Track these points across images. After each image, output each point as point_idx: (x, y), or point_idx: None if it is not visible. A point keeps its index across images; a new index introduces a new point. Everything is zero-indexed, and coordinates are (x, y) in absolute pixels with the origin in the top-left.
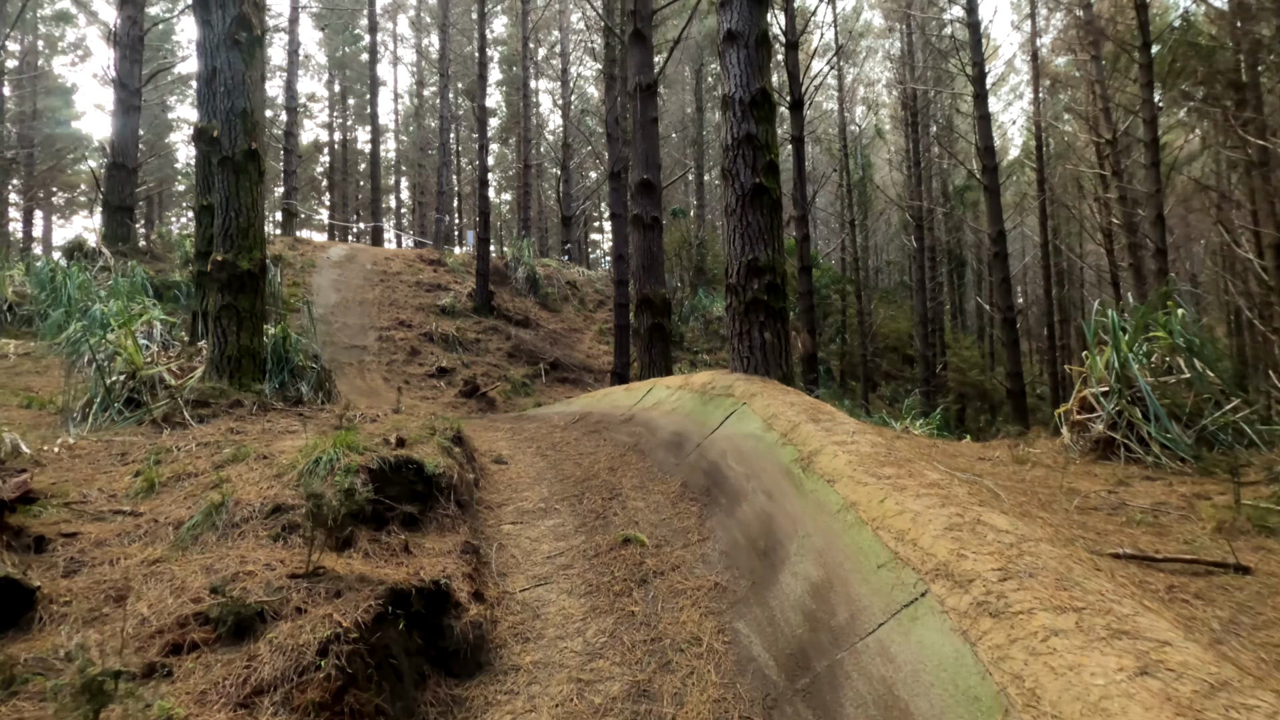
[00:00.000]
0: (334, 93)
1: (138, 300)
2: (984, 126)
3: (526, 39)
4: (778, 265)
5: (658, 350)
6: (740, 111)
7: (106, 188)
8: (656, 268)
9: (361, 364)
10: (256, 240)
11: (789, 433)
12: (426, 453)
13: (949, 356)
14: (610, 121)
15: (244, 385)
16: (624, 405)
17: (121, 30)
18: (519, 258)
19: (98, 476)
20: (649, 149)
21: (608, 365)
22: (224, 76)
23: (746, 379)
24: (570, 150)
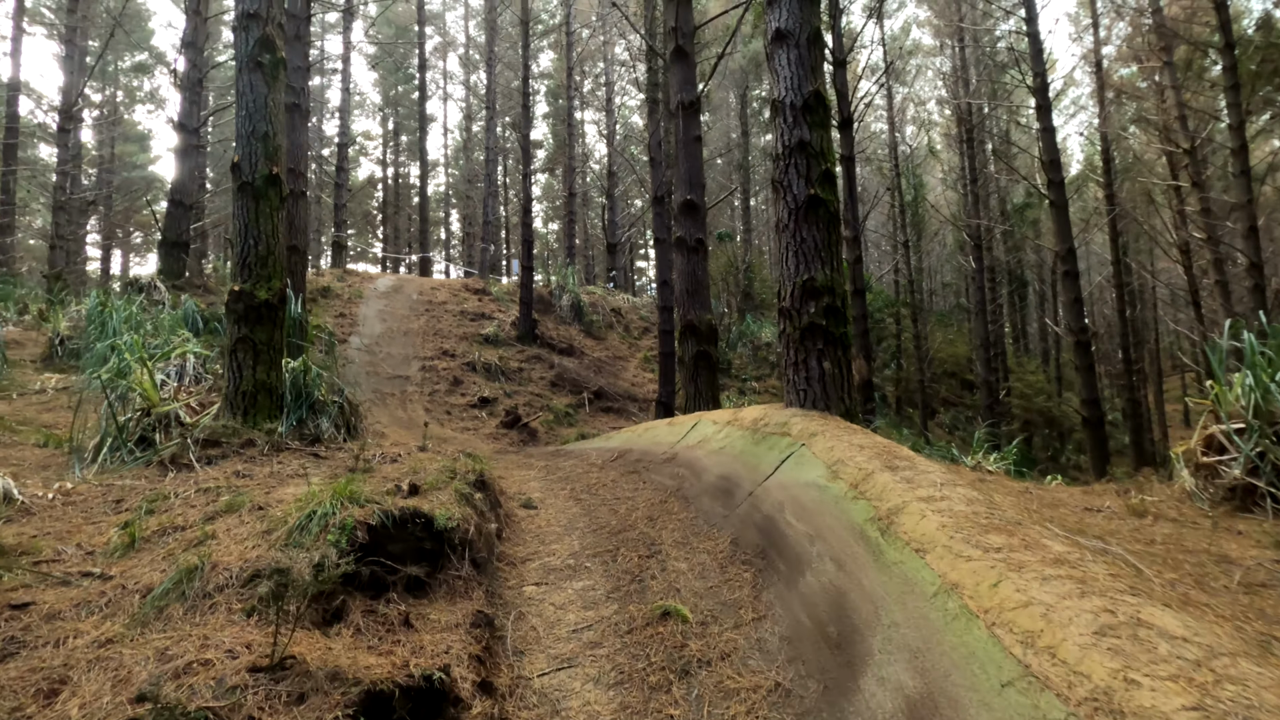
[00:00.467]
0: (387, 130)
1: (178, 333)
2: (1048, 139)
3: (571, 70)
4: (837, 286)
5: (703, 379)
6: (791, 116)
7: (165, 224)
8: (701, 292)
9: (404, 394)
10: (276, 269)
11: (860, 483)
12: (441, 501)
13: (1012, 382)
14: (653, 145)
15: (258, 423)
16: (666, 442)
17: (183, 73)
18: (563, 285)
19: (83, 528)
20: (692, 168)
21: (653, 394)
22: (246, 100)
23: (804, 415)
24: (615, 178)
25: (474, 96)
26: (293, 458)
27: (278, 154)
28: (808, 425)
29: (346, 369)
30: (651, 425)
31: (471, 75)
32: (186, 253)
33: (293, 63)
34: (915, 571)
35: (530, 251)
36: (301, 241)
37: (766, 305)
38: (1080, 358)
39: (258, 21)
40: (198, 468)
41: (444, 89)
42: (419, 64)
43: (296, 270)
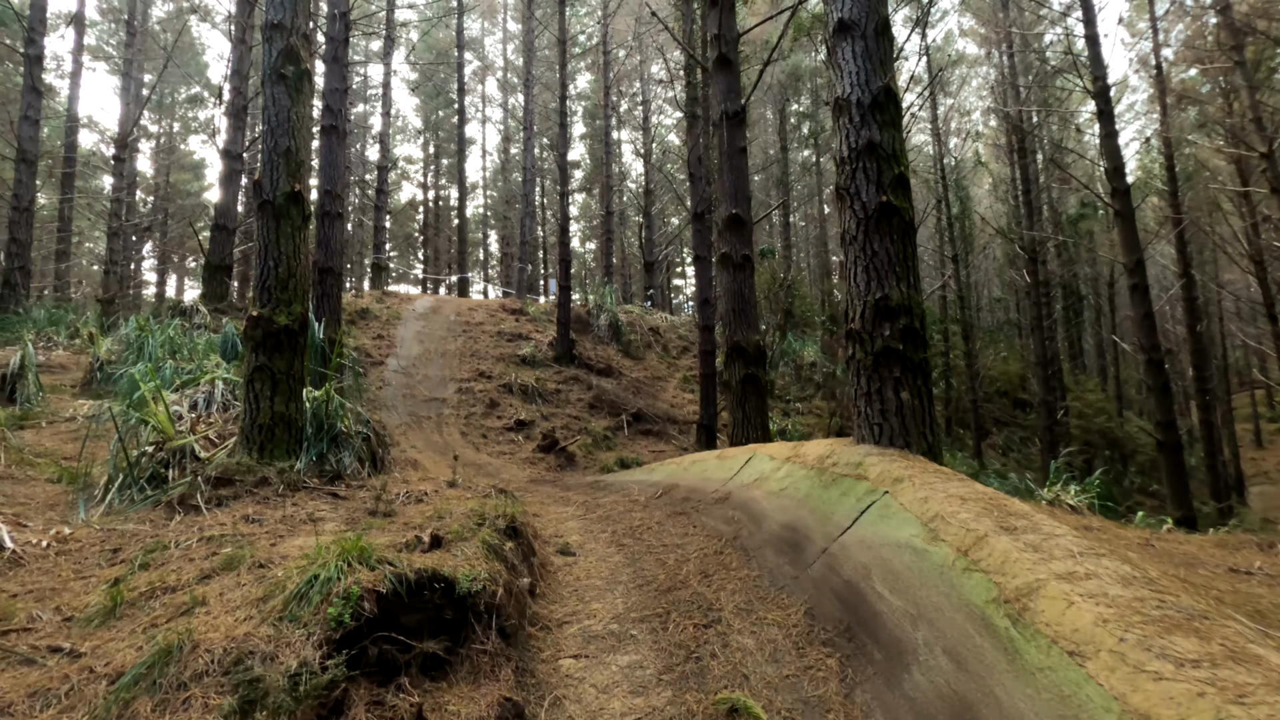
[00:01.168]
0: (428, 154)
1: (210, 357)
2: (1110, 145)
3: (608, 89)
4: (914, 305)
5: (752, 405)
6: (858, 115)
7: (209, 249)
8: (748, 311)
9: (440, 417)
10: (297, 293)
11: (971, 549)
12: (466, 556)
13: (1070, 401)
14: (692, 161)
15: (275, 458)
16: (717, 478)
17: (229, 100)
18: (601, 305)
19: (70, 585)
20: (737, 181)
21: (693, 416)
22: (269, 114)
23: (880, 454)
24: (652, 196)
25: (512, 119)
26: (309, 499)
27: (300, 170)
28: (888, 468)
29: (383, 391)
30: (698, 458)
31: (509, 98)
32: (229, 276)
33: (331, 84)
34: (1073, 686)
35: (567, 271)
36: (337, 263)
37: (808, 324)
38: (1153, 377)
39: (281, 32)
40: (204, 511)
41: (483, 112)
42: (458, 88)
43: (331, 293)
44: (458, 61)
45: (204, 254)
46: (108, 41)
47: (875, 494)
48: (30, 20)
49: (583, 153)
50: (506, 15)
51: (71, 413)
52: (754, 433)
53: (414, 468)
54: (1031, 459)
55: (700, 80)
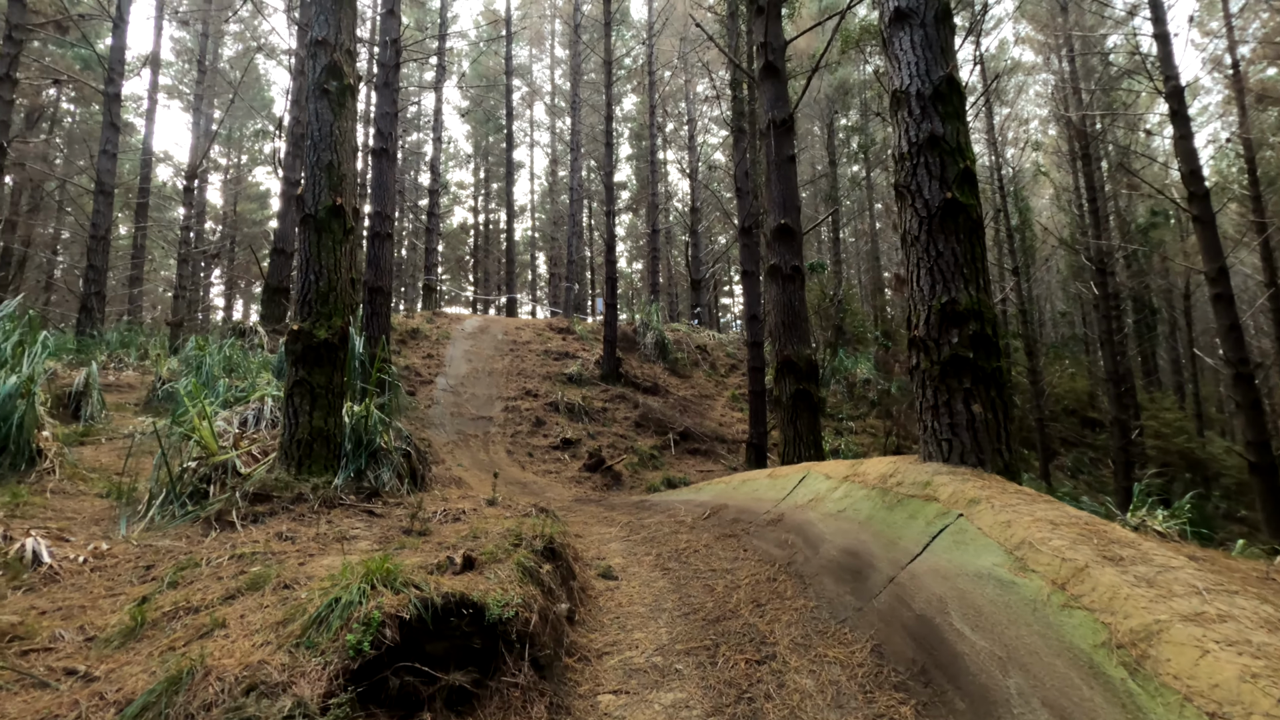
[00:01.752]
0: (479, 179)
1: (263, 375)
2: (1185, 148)
3: (653, 109)
4: (985, 309)
5: (804, 423)
6: (918, 108)
7: (269, 272)
8: (799, 325)
9: (486, 435)
10: (338, 306)
11: (1069, 582)
12: (500, 579)
13: (1145, 420)
14: (739, 175)
15: (313, 474)
16: (768, 498)
17: (288, 126)
18: (647, 323)
19: (99, 602)
20: (785, 190)
21: (742, 434)
22: (312, 129)
23: (951, 472)
24: (698, 213)
25: (560, 142)
26: (344, 516)
27: (342, 184)
28: (961, 488)
29: (431, 409)
30: (749, 476)
31: (557, 121)
32: (287, 298)
33: (383, 109)
34: None
35: (613, 289)
36: (387, 283)
37: (860, 341)
38: (1242, 393)
39: (325, 48)
40: (239, 528)
41: (531, 137)
42: (506, 113)
43: (380, 311)
44: (506, 87)
45: (264, 278)
46: (182, 81)
47: (948, 517)
48: (110, 61)
49: (629, 174)
50: (554, 41)
51: (130, 430)
52: (806, 451)
53: (456, 485)
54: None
55: (746, 95)
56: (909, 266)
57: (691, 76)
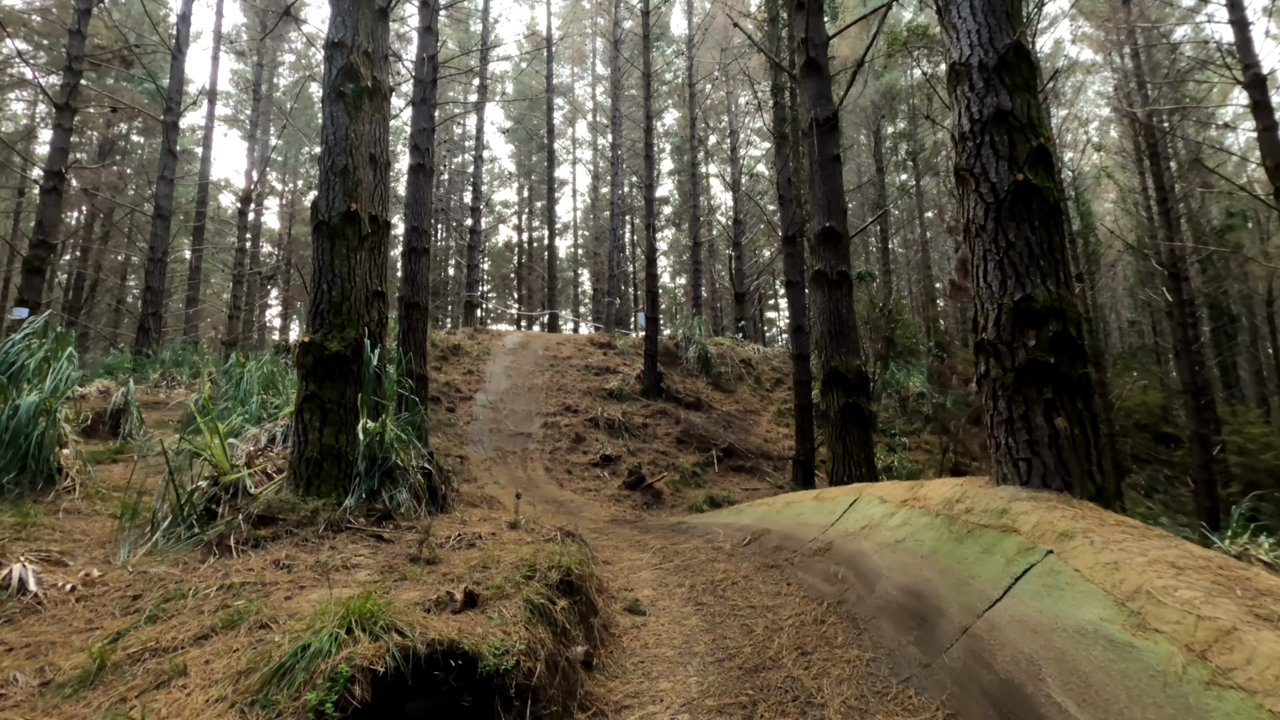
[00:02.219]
0: (523, 198)
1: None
2: (1269, 140)
3: (694, 122)
4: (1067, 307)
5: (854, 438)
6: (981, 80)
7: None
8: (847, 334)
9: (525, 452)
10: (351, 317)
11: (1211, 648)
12: (505, 619)
13: (1227, 435)
14: (782, 183)
15: (322, 494)
16: (815, 524)
17: None
18: (689, 336)
19: (70, 639)
20: (830, 191)
21: (788, 451)
22: (327, 133)
23: (1032, 498)
24: (741, 225)
25: (602, 158)
26: (350, 541)
27: (357, 190)
28: (1048, 518)
29: (470, 426)
30: (793, 498)
31: (599, 138)
32: None
33: (419, 125)
34: None
35: (654, 303)
36: (423, 298)
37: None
38: None
39: (342, 50)
40: (235, 554)
41: (573, 154)
42: (548, 130)
43: (417, 327)
44: (547, 104)
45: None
46: (240, 110)
47: (1033, 554)
48: (169, 91)
49: (671, 188)
50: (595, 59)
51: (162, 447)
52: (856, 469)
53: (487, 505)
54: (1181, 501)
55: (788, 100)
56: (973, 261)
57: (733, 87)
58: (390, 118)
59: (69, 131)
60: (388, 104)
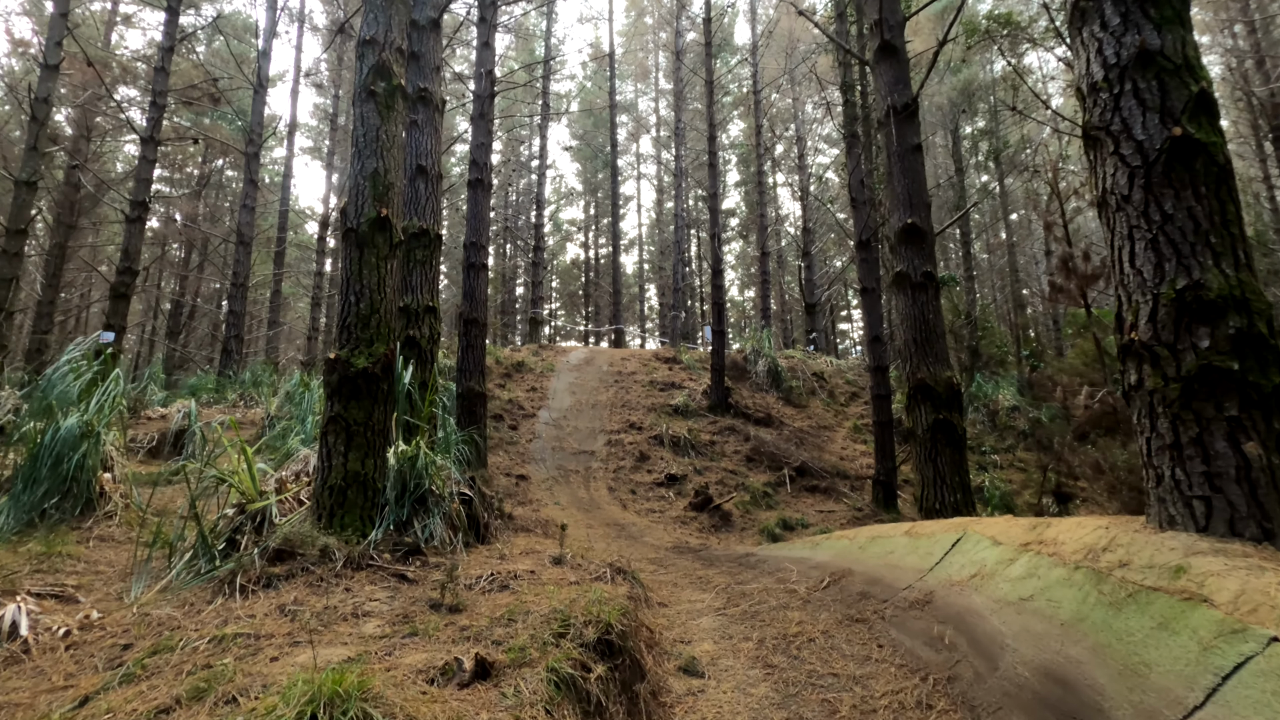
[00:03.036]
0: (589, 215)
1: None
2: None
3: (759, 129)
4: (1252, 296)
5: (946, 459)
6: (1117, 15)
7: None
8: (935, 342)
9: (588, 471)
10: (381, 332)
11: None
12: (523, 698)
13: None
14: (854, 186)
15: (346, 525)
16: (908, 566)
17: None
18: (758, 350)
19: (38, 699)
20: (911, 185)
21: (866, 469)
22: (357, 134)
23: (1221, 551)
24: (811, 234)
25: (666, 173)
26: (370, 580)
27: (388, 194)
28: (1257, 585)
29: (533, 444)
30: (878, 532)
31: (663, 152)
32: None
33: (478, 140)
34: None
35: (721, 314)
36: (482, 314)
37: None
38: None
39: (374, 48)
40: (244, 595)
41: (638, 169)
42: (611, 145)
43: (475, 344)
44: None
45: None
46: (320, 141)
47: (1243, 638)
48: (250, 124)
49: (737, 200)
50: (658, 74)
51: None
52: (949, 494)
53: (540, 531)
54: None
55: (859, 99)
56: (1112, 243)
57: (799, 93)
58: (443, 130)
59: (153, 163)
60: (440, 116)
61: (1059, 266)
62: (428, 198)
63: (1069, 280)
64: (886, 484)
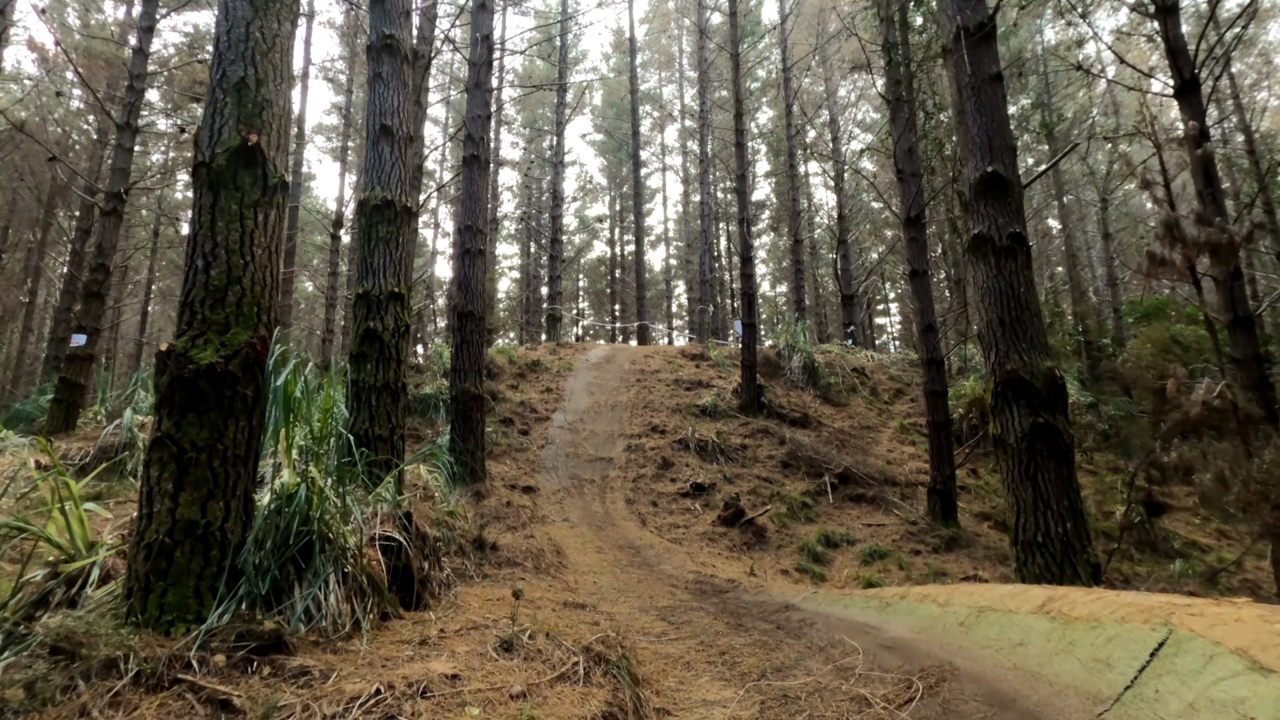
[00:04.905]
0: (615, 211)
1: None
2: None
3: (790, 107)
4: None
5: (1050, 478)
6: None
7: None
8: (1029, 323)
9: (604, 480)
10: (245, 312)
11: None
12: None
13: None
14: (900, 156)
15: (170, 604)
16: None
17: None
18: (793, 344)
19: None
20: (992, 124)
21: (917, 475)
22: (218, 31)
23: None
24: (846, 223)
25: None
26: (164, 715)
27: (262, 116)
28: None
29: (545, 450)
30: (988, 600)
31: (689, 142)
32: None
33: (473, 111)
34: None
35: (751, 307)
36: (479, 306)
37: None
38: None
39: None
40: None
41: (663, 161)
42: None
43: (471, 340)
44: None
45: None
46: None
47: None
48: None
49: (768, 192)
50: (682, 60)
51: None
52: (1055, 523)
53: (531, 566)
54: None
55: (901, 58)
56: None
57: (831, 74)
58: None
59: (130, 152)
60: (411, 69)
61: (1162, 233)
62: (394, 163)
63: (1172, 249)
64: (944, 493)
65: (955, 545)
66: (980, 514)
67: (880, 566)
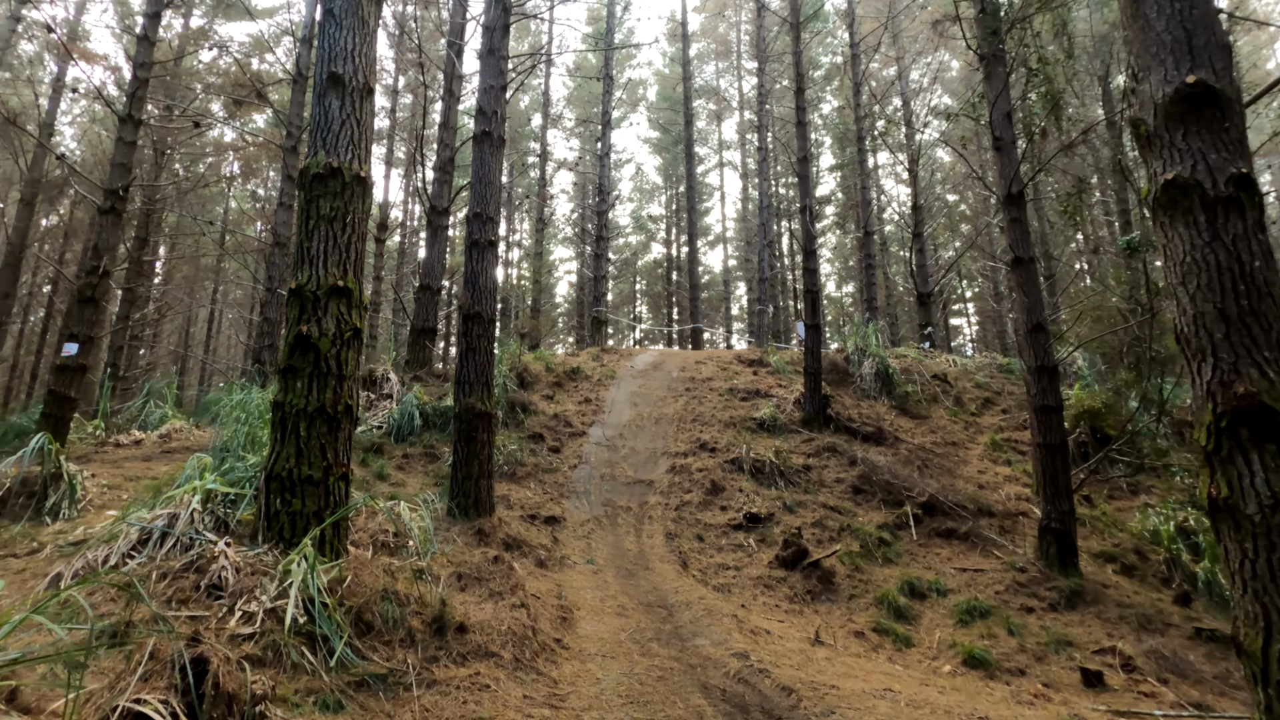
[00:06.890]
0: (671, 211)
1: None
2: None
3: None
4: None
5: None
6: None
7: (414, 311)
8: (1269, 315)
9: (643, 508)
10: None
11: None
12: None
13: None
14: (998, 121)
15: None
16: None
17: (436, 152)
18: (864, 348)
19: None
20: (1188, 14)
21: (1014, 502)
22: None
23: None
24: (921, 213)
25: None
26: None
27: None
28: None
29: (577, 470)
30: None
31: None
32: (432, 339)
33: (486, 82)
34: None
35: (816, 306)
36: (488, 308)
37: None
38: None
39: None
40: None
41: (720, 157)
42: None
43: (478, 347)
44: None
45: (410, 318)
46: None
47: None
48: (289, 117)
49: (833, 186)
50: (740, 49)
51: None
52: None
53: (511, 656)
54: None
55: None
56: None
57: (903, 53)
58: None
59: (132, 146)
60: (374, 6)
61: None
62: (344, 121)
63: None
64: (1060, 533)
65: (1078, 601)
66: (1102, 554)
67: (983, 629)
